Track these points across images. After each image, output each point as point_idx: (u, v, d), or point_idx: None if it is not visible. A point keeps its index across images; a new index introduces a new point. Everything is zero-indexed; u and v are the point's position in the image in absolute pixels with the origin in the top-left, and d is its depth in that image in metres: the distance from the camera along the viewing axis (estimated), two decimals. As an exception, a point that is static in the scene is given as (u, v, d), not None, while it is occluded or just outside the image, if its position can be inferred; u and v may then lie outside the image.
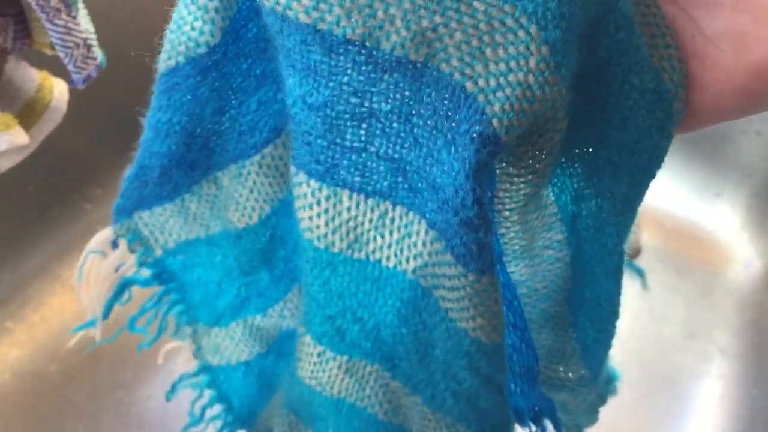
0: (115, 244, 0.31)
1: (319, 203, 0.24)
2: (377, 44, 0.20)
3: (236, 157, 0.28)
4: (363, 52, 0.20)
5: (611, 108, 0.22)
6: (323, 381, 0.30)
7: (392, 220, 0.24)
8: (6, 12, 0.40)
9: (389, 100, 0.21)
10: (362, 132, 0.22)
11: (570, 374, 0.30)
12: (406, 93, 0.21)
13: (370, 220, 0.24)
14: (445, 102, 0.20)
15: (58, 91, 0.46)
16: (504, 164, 0.23)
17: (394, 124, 0.22)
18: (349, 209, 0.24)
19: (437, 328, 0.24)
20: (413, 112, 0.21)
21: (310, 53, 0.21)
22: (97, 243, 0.31)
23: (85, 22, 0.41)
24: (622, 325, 0.28)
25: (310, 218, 0.24)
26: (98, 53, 0.42)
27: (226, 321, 0.34)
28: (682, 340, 0.65)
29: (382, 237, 0.24)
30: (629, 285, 0.29)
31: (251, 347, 0.35)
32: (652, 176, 0.24)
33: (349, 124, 0.22)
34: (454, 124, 0.20)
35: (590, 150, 0.24)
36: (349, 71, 0.21)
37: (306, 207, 0.24)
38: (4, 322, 0.61)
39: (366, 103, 0.21)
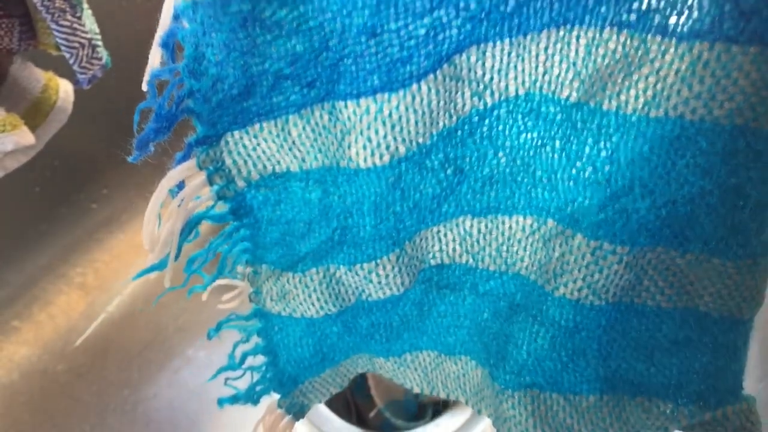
0: (181, 185, 0.28)
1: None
2: None
3: (377, 88, 0.24)
4: None
5: None
6: (598, 287, 0.27)
7: (707, 62, 0.22)
8: (11, 13, 0.40)
9: None
10: None
11: None
12: None
13: (677, 70, 0.23)
14: None
15: (64, 91, 0.46)
16: None
17: None
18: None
19: (759, 161, 0.23)
20: None
21: None
22: (172, 180, 0.28)
23: (89, 23, 0.41)
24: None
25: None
26: (103, 53, 0.42)
27: (306, 266, 0.31)
28: (686, 336, 0.65)
29: (690, 88, 0.23)
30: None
31: (323, 303, 0.32)
32: None
33: None
34: None
35: None
36: None
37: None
38: (11, 321, 0.61)
39: None
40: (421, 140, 0.26)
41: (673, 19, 0.22)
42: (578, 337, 0.29)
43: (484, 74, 0.25)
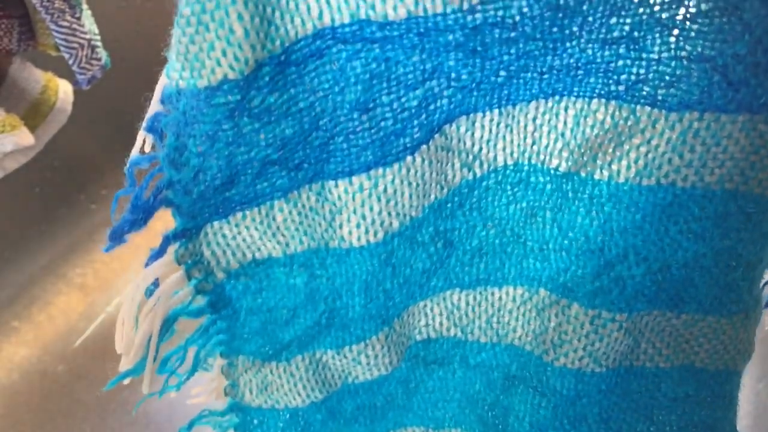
0: (155, 283, 0.26)
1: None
2: None
3: (371, 164, 0.24)
4: None
5: None
6: (599, 354, 0.27)
7: (697, 132, 0.22)
8: (11, 14, 0.40)
9: None
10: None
11: None
12: None
13: (668, 140, 0.23)
14: None
15: (63, 92, 0.46)
16: None
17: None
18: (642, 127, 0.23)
19: (750, 222, 0.24)
20: None
21: None
22: (149, 279, 0.26)
23: (89, 23, 0.41)
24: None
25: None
26: (102, 54, 0.42)
27: (290, 354, 0.30)
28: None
29: (681, 156, 0.23)
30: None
31: (309, 391, 0.30)
32: None
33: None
34: None
35: None
36: None
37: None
38: (11, 322, 0.61)
39: None
40: (414, 213, 0.25)
41: (662, 90, 0.22)
42: (579, 404, 0.29)
43: (473, 144, 0.25)
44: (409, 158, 0.24)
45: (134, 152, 0.24)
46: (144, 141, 0.24)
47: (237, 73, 0.21)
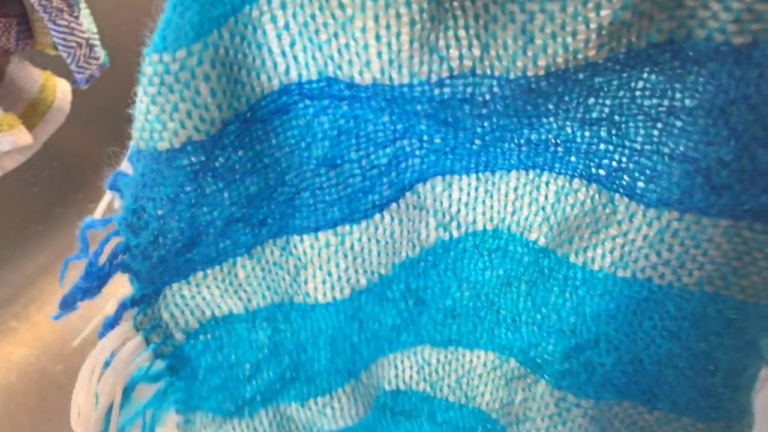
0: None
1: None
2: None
3: (337, 220, 0.23)
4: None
5: None
6: None
7: (675, 232, 0.21)
8: (9, 13, 0.40)
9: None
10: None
11: None
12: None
13: (645, 236, 0.22)
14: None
15: (61, 91, 0.46)
16: None
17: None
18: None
19: (730, 328, 0.23)
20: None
21: None
22: (107, 350, 0.24)
23: (87, 22, 0.41)
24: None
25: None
26: (101, 53, 0.42)
27: (254, 409, 0.29)
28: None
29: (659, 254, 0.22)
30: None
31: None
32: None
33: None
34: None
35: None
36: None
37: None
38: (9, 322, 0.61)
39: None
40: (383, 271, 0.25)
41: (641, 183, 0.21)
42: None
43: (450, 205, 0.24)
44: (377, 216, 0.23)
45: (98, 213, 0.23)
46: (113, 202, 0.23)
47: (202, 135, 0.20)
